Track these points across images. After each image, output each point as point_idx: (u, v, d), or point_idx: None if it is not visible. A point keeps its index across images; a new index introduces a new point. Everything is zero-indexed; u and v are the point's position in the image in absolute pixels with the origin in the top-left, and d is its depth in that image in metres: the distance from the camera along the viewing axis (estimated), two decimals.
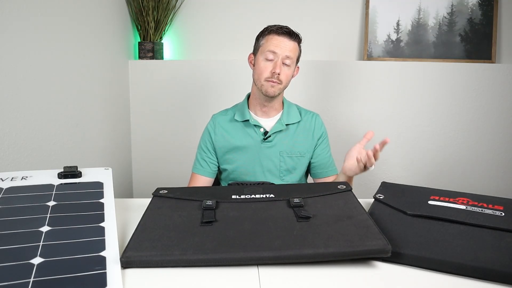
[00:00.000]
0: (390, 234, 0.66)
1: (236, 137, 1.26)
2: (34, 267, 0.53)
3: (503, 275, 0.56)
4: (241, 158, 1.25)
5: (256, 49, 1.24)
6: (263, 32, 1.22)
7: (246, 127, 1.26)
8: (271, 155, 1.24)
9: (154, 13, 1.89)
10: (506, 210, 0.73)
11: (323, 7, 2.00)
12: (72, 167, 0.81)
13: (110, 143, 1.74)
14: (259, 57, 1.20)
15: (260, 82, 1.19)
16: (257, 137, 1.24)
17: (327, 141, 1.33)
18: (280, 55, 1.17)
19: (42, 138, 1.20)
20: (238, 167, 1.26)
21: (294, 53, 1.20)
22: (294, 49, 1.19)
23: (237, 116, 1.27)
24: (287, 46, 1.17)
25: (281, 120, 1.25)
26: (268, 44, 1.18)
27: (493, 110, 1.94)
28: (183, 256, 0.59)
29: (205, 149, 1.30)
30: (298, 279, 0.57)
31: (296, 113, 1.29)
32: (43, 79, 1.20)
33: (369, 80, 1.94)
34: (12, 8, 1.05)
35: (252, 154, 1.24)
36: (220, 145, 1.27)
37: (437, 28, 1.98)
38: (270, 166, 1.24)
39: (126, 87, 1.93)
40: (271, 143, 1.24)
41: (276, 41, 1.17)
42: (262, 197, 0.77)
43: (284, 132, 1.25)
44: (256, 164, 1.24)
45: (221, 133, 1.27)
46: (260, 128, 1.25)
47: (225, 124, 1.28)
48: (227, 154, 1.26)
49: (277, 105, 1.27)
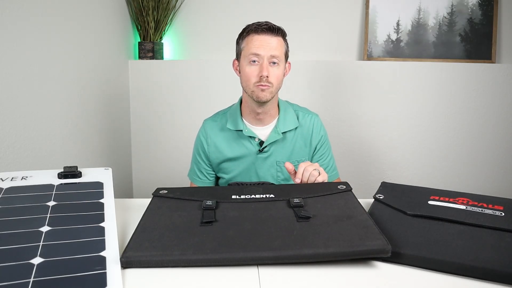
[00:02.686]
0: (390, 234, 0.66)
1: (230, 148, 1.19)
2: (34, 267, 0.53)
3: (503, 275, 0.56)
4: (237, 169, 1.20)
5: (238, 54, 1.14)
6: (242, 34, 1.12)
7: (240, 138, 1.18)
8: (267, 166, 1.18)
9: (154, 13, 1.89)
10: (506, 210, 0.73)
11: (323, 7, 2.00)
12: (72, 167, 0.81)
13: (110, 143, 1.74)
14: (243, 62, 1.11)
15: (249, 88, 1.10)
16: (252, 148, 1.17)
17: (327, 144, 1.26)
18: (264, 56, 1.06)
19: (42, 138, 1.20)
20: (234, 177, 1.21)
21: (280, 50, 1.09)
22: (279, 46, 1.08)
23: (230, 125, 1.18)
24: (270, 44, 1.06)
25: (276, 128, 1.16)
26: (249, 47, 1.08)
27: (493, 110, 1.94)
28: (183, 256, 0.59)
29: (200, 159, 1.24)
30: (298, 279, 0.57)
31: (293, 118, 1.20)
32: (43, 79, 1.20)
33: (369, 80, 1.94)
34: (12, 8, 1.05)
35: (247, 164, 1.18)
36: (214, 156, 1.21)
37: (437, 28, 1.98)
38: (267, 176, 1.19)
39: (126, 87, 1.93)
40: (267, 154, 1.17)
41: (257, 41, 1.07)
42: (262, 197, 0.77)
43: (280, 141, 1.17)
44: (252, 174, 1.19)
45: (214, 144, 1.20)
46: (255, 139, 1.17)
47: (217, 134, 1.20)
48: (222, 164, 1.21)
49: (272, 111, 1.17)
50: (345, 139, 1.97)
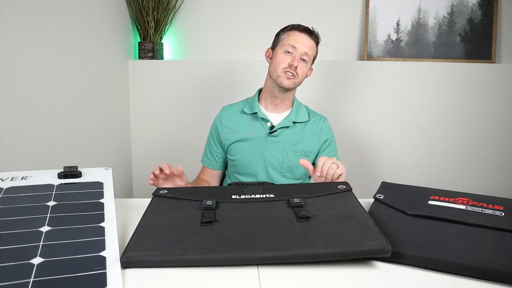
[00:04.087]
0: (390, 234, 0.66)
1: (242, 129, 1.27)
2: (34, 267, 0.53)
3: (503, 275, 0.56)
4: (245, 150, 1.26)
5: (275, 43, 1.27)
6: (285, 28, 1.26)
7: (254, 120, 1.28)
8: (275, 150, 1.25)
9: (154, 13, 1.89)
10: (506, 210, 0.73)
11: (323, 7, 2.00)
12: (72, 167, 0.81)
13: (110, 143, 1.74)
14: (278, 50, 1.23)
15: (276, 73, 1.21)
16: (263, 130, 1.26)
17: (333, 146, 1.33)
18: (299, 50, 1.20)
19: (42, 138, 1.20)
20: (241, 158, 1.26)
21: (312, 51, 1.23)
22: (312, 47, 1.23)
23: (246, 109, 1.29)
24: (306, 43, 1.21)
25: (289, 116, 1.27)
26: (288, 39, 1.21)
27: (493, 110, 1.94)
28: (183, 256, 0.59)
29: (212, 141, 1.33)
30: (298, 279, 0.57)
31: (304, 113, 1.30)
32: (43, 79, 1.20)
33: (369, 80, 1.94)
34: (12, 8, 1.05)
35: (256, 147, 1.25)
36: (226, 137, 1.29)
37: (437, 28, 1.98)
38: (273, 161, 1.25)
39: (126, 87, 1.93)
40: (276, 138, 1.25)
41: (297, 36, 1.21)
42: (262, 197, 0.77)
43: (290, 128, 1.26)
44: (259, 158, 1.25)
45: (227, 125, 1.30)
46: (267, 122, 1.26)
47: (233, 115, 1.30)
48: (232, 145, 1.28)
49: (288, 101, 1.28)
50: (345, 139, 1.97)
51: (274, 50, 1.26)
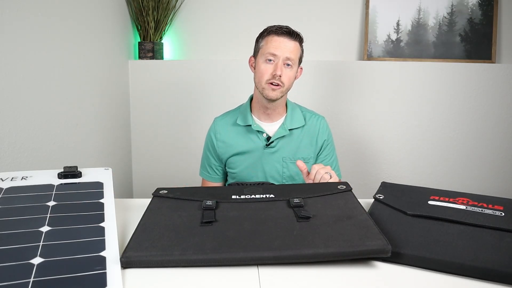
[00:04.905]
0: (390, 234, 0.66)
1: (238, 143, 1.24)
2: (34, 267, 0.53)
3: (503, 275, 0.56)
4: (244, 163, 1.23)
5: (256, 51, 1.21)
6: (262, 34, 1.19)
7: (249, 132, 1.23)
8: (273, 161, 1.22)
9: (154, 13, 1.89)
10: (506, 210, 0.73)
11: (323, 7, 2.00)
12: (72, 167, 0.81)
13: (110, 143, 1.74)
14: (259, 60, 1.17)
15: (261, 85, 1.16)
16: (259, 143, 1.22)
17: (331, 145, 1.30)
18: (280, 56, 1.13)
19: (42, 138, 1.20)
20: (240, 172, 1.24)
21: (296, 54, 1.16)
22: (295, 49, 1.16)
23: (240, 120, 1.24)
24: (287, 47, 1.14)
25: (284, 124, 1.22)
26: (268, 46, 1.15)
27: (493, 110, 1.94)
28: (183, 256, 0.59)
29: (209, 155, 1.30)
30: (298, 279, 0.57)
31: (300, 117, 1.25)
32: (43, 79, 1.20)
33: (369, 80, 1.94)
34: (12, 8, 1.05)
35: (254, 159, 1.22)
36: (223, 151, 1.26)
37: (437, 28, 1.98)
38: (273, 172, 1.22)
39: (126, 87, 1.93)
40: (274, 149, 1.22)
41: (276, 42, 1.14)
42: (262, 197, 0.77)
43: (287, 137, 1.22)
44: (258, 170, 1.23)
45: (222, 139, 1.26)
46: (263, 134, 1.22)
47: (227, 129, 1.26)
48: (230, 158, 1.25)
49: (280, 109, 1.23)
50: (345, 139, 1.97)
51: (256, 59, 1.19)
